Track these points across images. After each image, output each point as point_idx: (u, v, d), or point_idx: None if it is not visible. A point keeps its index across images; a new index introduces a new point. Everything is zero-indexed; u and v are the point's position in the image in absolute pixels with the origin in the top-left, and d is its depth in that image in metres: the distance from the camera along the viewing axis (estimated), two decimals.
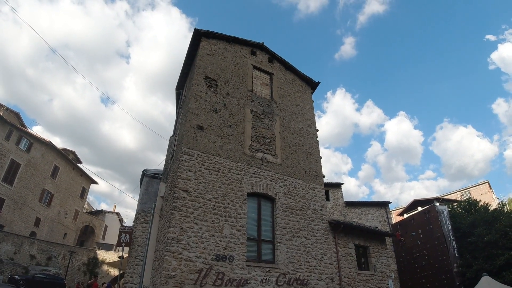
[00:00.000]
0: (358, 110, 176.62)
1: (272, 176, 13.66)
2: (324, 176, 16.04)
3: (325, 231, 14.53)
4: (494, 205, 29.67)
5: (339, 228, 14.93)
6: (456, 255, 25.53)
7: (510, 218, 24.81)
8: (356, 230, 16.24)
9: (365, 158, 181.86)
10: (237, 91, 14.53)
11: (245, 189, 12.56)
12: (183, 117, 14.00)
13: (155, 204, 15.13)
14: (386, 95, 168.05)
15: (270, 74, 16.36)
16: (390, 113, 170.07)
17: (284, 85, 16.59)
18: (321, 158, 16.17)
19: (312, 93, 17.93)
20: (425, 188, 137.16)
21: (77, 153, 42.13)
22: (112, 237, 39.51)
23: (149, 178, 16.38)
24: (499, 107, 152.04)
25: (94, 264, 35.29)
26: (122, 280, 16.19)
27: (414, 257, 28.62)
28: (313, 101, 17.67)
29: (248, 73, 15.36)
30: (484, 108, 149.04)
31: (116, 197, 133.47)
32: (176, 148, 13.81)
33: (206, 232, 11.05)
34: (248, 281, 11.20)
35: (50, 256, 31.50)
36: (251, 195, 12.82)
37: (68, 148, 41.39)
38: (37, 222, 34.67)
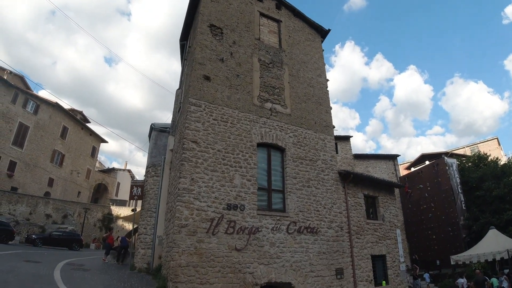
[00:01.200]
0: (367, 64, 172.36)
1: (282, 127, 13.38)
2: (334, 127, 15.72)
3: (335, 181, 14.44)
4: (502, 161, 29.40)
5: (348, 178, 14.83)
6: (463, 208, 25.77)
7: None
8: (366, 181, 16.17)
9: (373, 113, 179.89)
10: (244, 39, 13.89)
11: (254, 140, 12.35)
12: (188, 68, 13.55)
13: (164, 158, 15.09)
14: (396, 48, 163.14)
15: (277, 21, 15.56)
16: (400, 67, 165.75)
17: (292, 33, 15.84)
18: (331, 108, 15.77)
19: (322, 41, 17.13)
20: (432, 143, 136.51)
21: (84, 113, 42.02)
22: (125, 193, 40.32)
23: (157, 132, 16.23)
24: (511, 63, 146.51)
25: (109, 219, 36.32)
26: (136, 233, 16.51)
27: (421, 209, 28.89)
28: (323, 50, 16.94)
29: (254, 20, 14.60)
30: (495, 64, 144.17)
31: (127, 156, 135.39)
32: (183, 100, 13.48)
33: (216, 182, 10.99)
34: (259, 229, 11.29)
35: (66, 214, 32.32)
36: (260, 145, 12.62)
37: (76, 108, 41.25)
38: (51, 182, 35.31)
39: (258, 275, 10.75)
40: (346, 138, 26.61)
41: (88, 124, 42.24)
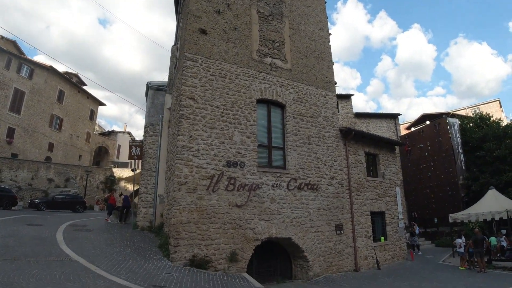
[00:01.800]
0: (370, 22, 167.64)
1: (282, 82, 12.93)
2: (336, 83, 15.25)
3: (336, 138, 14.20)
4: (504, 123, 29.02)
5: (349, 136, 14.58)
6: (463, 168, 25.72)
7: None
8: (367, 138, 15.95)
9: (374, 73, 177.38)
10: None
11: (254, 96, 11.95)
12: (183, 22, 12.87)
13: (162, 116, 14.75)
14: (400, 5, 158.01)
15: None
16: (404, 26, 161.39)
17: None
18: (333, 63, 15.22)
19: None
20: (433, 104, 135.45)
21: (80, 76, 41.13)
22: (126, 156, 40.13)
23: (153, 90, 15.77)
24: None
25: (111, 181, 36.55)
26: (138, 193, 16.49)
27: (420, 168, 28.93)
28: (325, 2, 16.11)
29: None
30: (500, 26, 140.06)
31: (126, 119, 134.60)
32: (179, 55, 12.93)
33: (215, 140, 10.73)
34: (260, 186, 11.17)
35: (68, 177, 32.42)
36: (260, 101, 12.24)
37: (71, 71, 40.34)
38: (51, 147, 35.13)
39: (259, 231, 10.77)
40: (347, 97, 26.10)
41: (85, 87, 41.47)
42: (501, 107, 43.36)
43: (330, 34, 15.56)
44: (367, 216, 14.80)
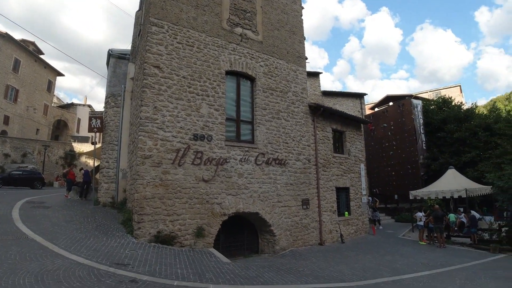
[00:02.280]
0: (340, 2, 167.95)
1: (253, 55, 12.47)
2: (306, 58, 15.01)
3: (305, 113, 14.06)
4: (465, 107, 30.29)
5: (318, 112, 14.49)
6: (424, 148, 26.69)
7: (481, 119, 25.56)
8: (335, 115, 15.95)
9: (341, 53, 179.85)
10: None
11: (223, 67, 11.43)
12: None
13: (125, 87, 13.94)
14: None
15: None
16: (373, 8, 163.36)
17: None
18: (304, 38, 14.88)
19: None
20: (396, 87, 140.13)
21: (37, 44, 38.31)
22: (86, 130, 38.10)
23: (115, 59, 14.80)
24: (482, 15, 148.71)
25: (71, 156, 34.89)
26: (98, 168, 15.70)
27: (383, 147, 29.70)
28: None
29: None
30: (466, 14, 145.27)
31: (87, 92, 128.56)
32: (144, 21, 12.08)
33: (182, 111, 10.21)
34: (228, 160, 10.86)
35: (25, 152, 30.62)
36: (229, 73, 11.76)
37: (28, 39, 37.44)
38: (6, 120, 32.84)
39: (226, 206, 10.53)
40: (315, 74, 26.01)
41: (42, 57, 38.77)
42: (461, 92, 45.24)
43: (302, 8, 15.14)
44: (332, 192, 14.97)
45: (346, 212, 15.87)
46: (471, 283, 8.16)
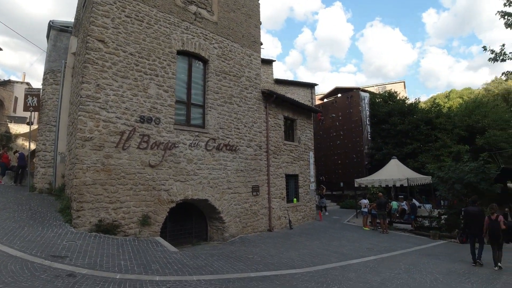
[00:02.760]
0: None
1: (206, 35, 11.94)
2: (262, 44, 14.74)
3: (258, 100, 13.88)
4: (409, 102, 32.22)
5: (271, 99, 14.38)
6: (369, 138, 28.11)
7: (424, 114, 27.31)
8: (287, 103, 15.95)
9: (294, 44, 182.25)
10: None
11: (174, 46, 10.81)
12: None
13: (65, 62, 12.76)
14: None
15: None
16: (327, 2, 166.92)
17: None
18: (260, 23, 14.58)
19: None
20: (344, 80, 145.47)
21: None
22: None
23: (57, 31, 13.46)
24: (429, 17, 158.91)
25: (7, 138, 31.77)
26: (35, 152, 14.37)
27: (331, 136, 30.70)
28: None
29: None
30: (415, 15, 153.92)
31: (27, 69, 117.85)
32: None
33: (128, 91, 9.51)
34: (176, 145, 10.39)
35: None
36: (181, 53, 11.16)
37: None
38: None
39: (174, 192, 10.11)
40: (269, 62, 25.86)
41: None
42: (405, 88, 48.25)
43: None
44: (282, 179, 15.08)
45: (295, 199, 16.12)
46: (415, 267, 8.57)
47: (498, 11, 11.96)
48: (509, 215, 13.52)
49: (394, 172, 18.18)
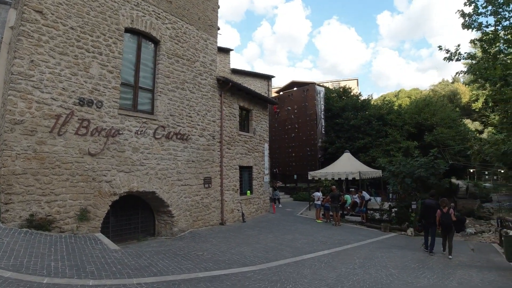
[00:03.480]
0: None
1: (159, 14, 11.13)
2: (219, 29, 14.15)
3: (212, 87, 13.34)
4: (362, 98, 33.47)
5: (226, 86, 13.91)
6: (323, 132, 28.83)
7: (376, 110, 28.50)
8: (243, 92, 15.56)
9: (253, 37, 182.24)
10: None
11: (122, 23, 9.91)
12: None
13: (2, 37, 11.34)
14: None
15: None
16: None
17: None
18: (218, 7, 13.96)
19: None
20: (300, 75, 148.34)
21: None
22: None
23: None
24: (384, 19, 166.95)
25: None
26: None
27: (286, 129, 30.99)
28: None
29: None
30: (370, 16, 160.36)
31: None
32: None
33: (66, 69, 8.57)
34: (121, 132, 9.58)
35: None
36: (130, 31, 10.29)
37: None
38: None
39: (117, 184, 9.35)
40: (226, 51, 25.22)
41: None
42: (358, 85, 50.40)
43: None
44: (236, 170, 14.74)
45: (249, 191, 15.88)
46: (369, 262, 8.61)
47: (458, 10, 12.39)
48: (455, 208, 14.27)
49: (347, 165, 18.56)
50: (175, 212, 11.10)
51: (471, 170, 39.52)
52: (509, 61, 11.00)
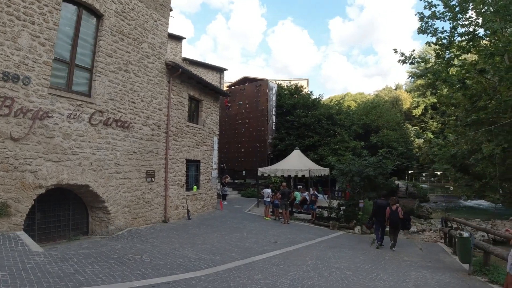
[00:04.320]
0: None
1: None
2: (171, 10, 13.23)
3: (160, 72, 12.42)
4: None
5: (176, 73, 13.06)
6: (274, 128, 29.14)
7: (326, 109, 29.50)
8: (193, 81, 14.79)
9: (207, 30, 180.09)
10: None
11: None
12: None
13: None
14: None
15: None
16: None
17: None
18: None
19: None
20: (253, 73, 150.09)
21: None
22: None
23: None
24: (335, 24, 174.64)
25: None
26: None
27: (236, 123, 30.72)
28: None
29: None
30: (323, 21, 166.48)
31: None
32: None
33: None
34: (50, 114, 8.37)
35: None
36: (69, 1, 9.05)
37: None
38: None
39: (43, 175, 8.17)
40: (179, 38, 24.05)
41: None
42: (308, 85, 53.31)
43: None
44: (182, 164, 13.94)
45: (195, 187, 15.15)
46: (322, 263, 8.35)
47: (418, 12, 12.86)
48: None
49: (297, 162, 18.56)
50: (112, 208, 10.09)
51: (410, 172, 42.02)
52: (466, 66, 11.43)
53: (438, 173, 45.23)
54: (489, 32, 10.80)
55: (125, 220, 10.63)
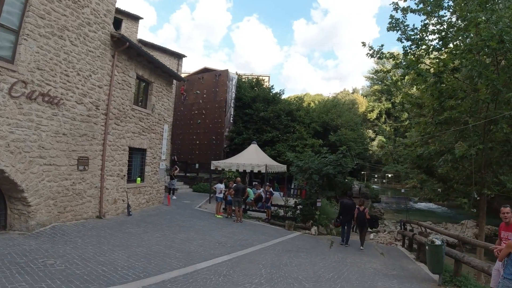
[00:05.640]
0: None
1: None
2: None
3: (103, 44, 10.91)
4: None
5: (122, 46, 11.62)
6: (231, 121, 28.27)
7: (286, 105, 29.27)
8: (144, 59, 13.45)
9: (170, 19, 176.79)
10: None
11: None
12: None
13: None
14: None
15: None
16: None
17: None
18: None
19: None
20: (214, 65, 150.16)
21: None
22: None
23: None
24: (299, 26, 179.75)
25: None
26: None
27: (192, 114, 29.56)
28: None
29: None
30: (288, 21, 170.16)
31: None
32: None
33: None
34: None
35: None
36: None
37: None
38: None
39: None
40: (135, 18, 22.15)
41: None
42: (269, 82, 54.44)
43: None
44: (124, 152, 12.51)
45: (139, 179, 13.73)
46: (278, 272, 7.41)
47: (392, 1, 12.73)
48: None
49: (253, 157, 17.76)
50: (33, 200, 8.52)
51: (362, 172, 43.07)
52: (441, 62, 11.09)
53: (389, 175, 46.91)
54: (467, 23, 10.57)
55: (49, 214, 9.08)
